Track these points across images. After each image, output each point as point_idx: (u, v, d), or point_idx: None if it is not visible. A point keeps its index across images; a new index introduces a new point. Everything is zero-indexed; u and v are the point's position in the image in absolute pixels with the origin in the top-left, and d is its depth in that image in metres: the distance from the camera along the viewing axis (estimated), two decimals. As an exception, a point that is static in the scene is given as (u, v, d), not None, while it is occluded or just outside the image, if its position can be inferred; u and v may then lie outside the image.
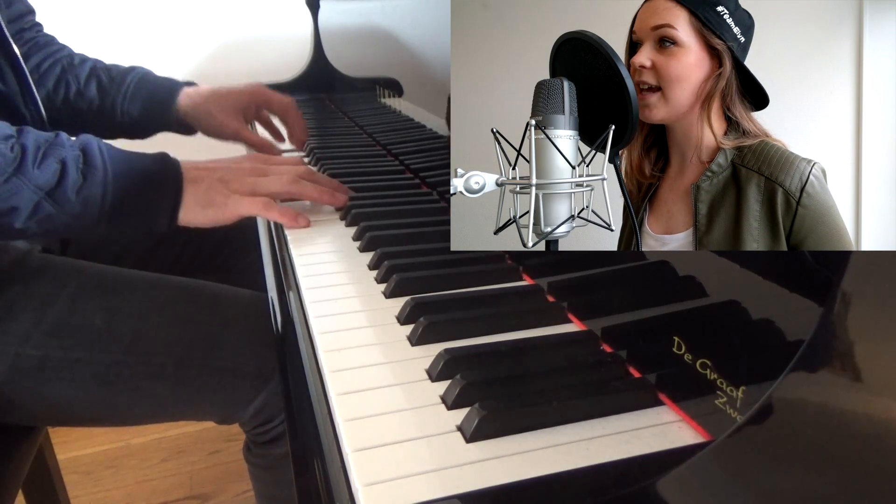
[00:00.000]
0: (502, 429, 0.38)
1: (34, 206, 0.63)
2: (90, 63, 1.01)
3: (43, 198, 0.63)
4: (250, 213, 0.72)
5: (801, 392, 0.28)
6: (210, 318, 0.75)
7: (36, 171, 0.63)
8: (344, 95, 1.36)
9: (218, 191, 0.71)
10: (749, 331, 0.35)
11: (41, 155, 0.64)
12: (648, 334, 0.44)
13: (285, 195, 0.75)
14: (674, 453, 0.37)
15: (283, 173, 0.75)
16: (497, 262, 0.62)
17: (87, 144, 0.67)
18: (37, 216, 0.64)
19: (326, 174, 0.92)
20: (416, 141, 0.91)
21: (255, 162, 0.77)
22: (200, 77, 1.61)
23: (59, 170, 0.64)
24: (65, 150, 0.65)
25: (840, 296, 0.27)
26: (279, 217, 0.73)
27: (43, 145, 0.64)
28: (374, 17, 1.02)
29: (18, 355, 0.69)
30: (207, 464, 1.46)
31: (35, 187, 0.63)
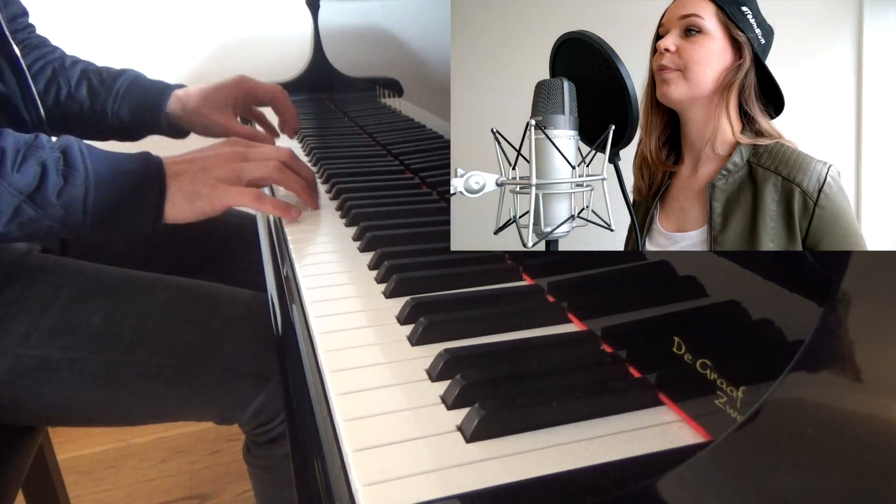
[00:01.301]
0: (502, 429, 0.38)
1: (14, 210, 0.62)
2: (81, 65, 1.01)
3: (23, 201, 0.62)
4: (239, 205, 0.71)
5: (801, 392, 0.28)
6: (210, 319, 0.75)
7: (15, 175, 0.62)
8: (344, 95, 1.36)
9: (202, 182, 0.69)
10: (749, 331, 0.35)
11: (20, 158, 0.63)
12: (648, 334, 0.44)
13: (269, 181, 0.75)
14: (674, 453, 0.37)
15: (268, 159, 0.74)
16: (497, 262, 0.62)
17: (68, 146, 0.66)
18: (17, 219, 0.63)
19: (325, 174, 0.92)
20: (416, 141, 0.91)
21: (236, 146, 0.75)
22: (200, 77, 1.61)
23: (39, 172, 0.63)
24: (44, 152, 0.64)
25: (840, 296, 0.27)
26: (272, 209, 0.73)
27: (22, 148, 0.63)
28: (374, 17, 1.02)
29: (18, 355, 0.69)
30: (207, 464, 1.46)
31: (15, 191, 0.62)
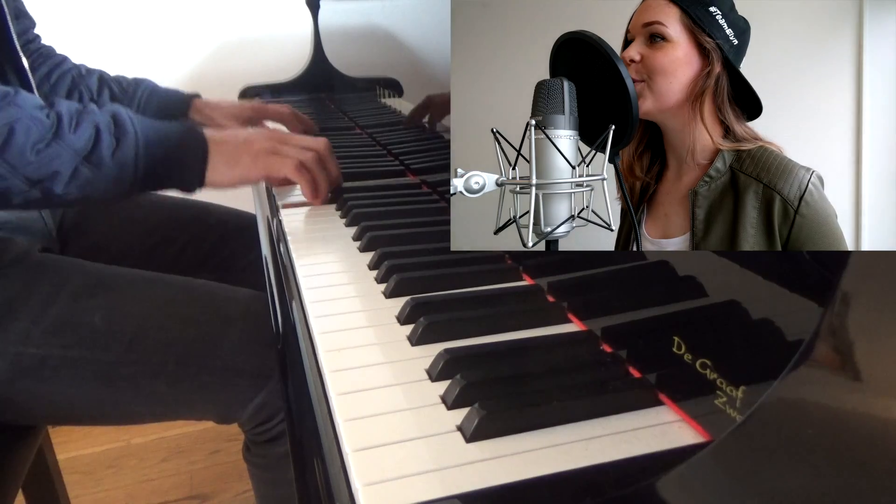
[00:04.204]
0: (502, 429, 0.38)
1: (73, 171, 0.65)
2: (96, 73, 1.04)
3: (80, 162, 0.65)
4: (280, 173, 0.74)
5: (801, 392, 0.28)
6: (210, 317, 0.75)
7: (73, 136, 0.65)
8: (344, 95, 1.36)
9: (244, 150, 0.73)
10: (749, 331, 0.35)
11: (75, 121, 0.66)
12: (648, 334, 0.44)
13: (300, 168, 0.77)
14: (674, 453, 0.37)
15: (307, 147, 0.77)
16: (497, 262, 0.62)
17: (116, 111, 0.70)
18: (76, 180, 0.66)
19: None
20: (416, 141, 0.91)
21: (276, 133, 0.79)
22: (200, 77, 1.61)
23: (93, 134, 0.66)
24: (97, 115, 0.68)
25: (840, 296, 0.27)
26: (308, 183, 0.75)
27: (75, 113, 0.67)
28: (374, 17, 1.02)
29: (19, 354, 0.69)
30: (207, 464, 1.46)
31: (73, 151, 0.65)
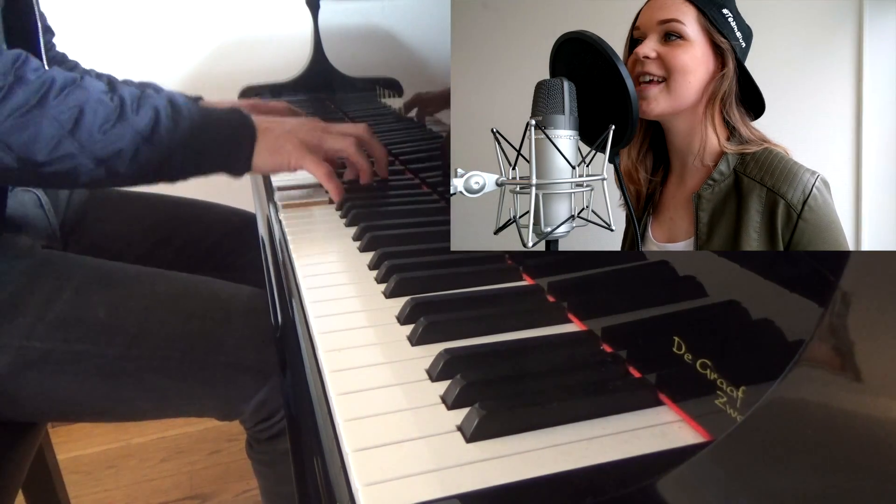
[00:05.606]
0: (502, 429, 0.38)
1: (135, 150, 0.68)
2: (106, 78, 1.03)
3: (142, 142, 0.68)
4: (312, 173, 0.77)
5: (801, 392, 0.28)
6: (213, 314, 0.76)
7: (135, 117, 0.68)
8: (344, 95, 1.36)
9: (287, 139, 0.76)
10: (749, 331, 0.35)
11: (137, 103, 0.69)
12: (648, 334, 0.44)
13: (344, 154, 0.81)
14: (674, 453, 0.37)
15: (348, 134, 0.81)
16: (497, 262, 0.62)
17: (172, 95, 0.73)
18: (137, 160, 0.69)
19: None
20: (416, 141, 0.91)
21: (318, 123, 0.82)
22: (200, 77, 1.61)
23: (153, 116, 0.69)
24: (155, 99, 0.71)
25: (840, 296, 0.27)
26: (334, 189, 0.78)
27: (137, 96, 0.70)
28: (374, 17, 1.02)
29: (23, 348, 0.70)
30: (207, 464, 1.46)
31: (136, 132, 0.68)
